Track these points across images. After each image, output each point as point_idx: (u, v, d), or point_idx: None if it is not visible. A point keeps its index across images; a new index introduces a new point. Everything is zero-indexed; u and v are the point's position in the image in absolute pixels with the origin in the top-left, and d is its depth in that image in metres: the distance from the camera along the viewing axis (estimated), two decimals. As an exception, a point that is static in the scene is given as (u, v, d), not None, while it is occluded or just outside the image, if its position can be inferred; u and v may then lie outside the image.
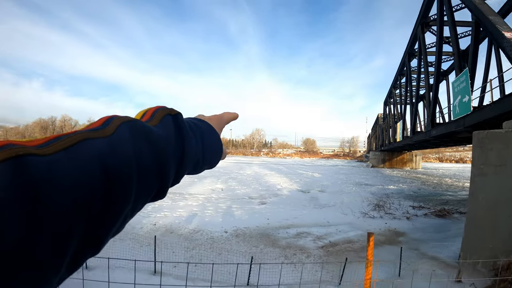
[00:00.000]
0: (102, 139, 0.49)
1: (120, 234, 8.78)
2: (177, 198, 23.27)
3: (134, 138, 0.54)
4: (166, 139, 0.61)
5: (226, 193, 26.65)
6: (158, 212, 18.34)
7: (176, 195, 24.44)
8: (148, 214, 17.87)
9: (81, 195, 0.42)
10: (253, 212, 19.10)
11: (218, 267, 10.54)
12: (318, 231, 15.22)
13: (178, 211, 18.89)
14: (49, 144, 0.43)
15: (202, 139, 0.76)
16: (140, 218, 16.78)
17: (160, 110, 0.67)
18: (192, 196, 24.22)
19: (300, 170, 60.59)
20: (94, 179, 0.44)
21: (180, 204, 21.03)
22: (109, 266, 10.67)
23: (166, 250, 12.06)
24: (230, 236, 14.38)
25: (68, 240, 0.42)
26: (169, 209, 19.49)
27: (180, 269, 10.57)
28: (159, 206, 20.01)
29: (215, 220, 16.92)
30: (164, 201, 21.65)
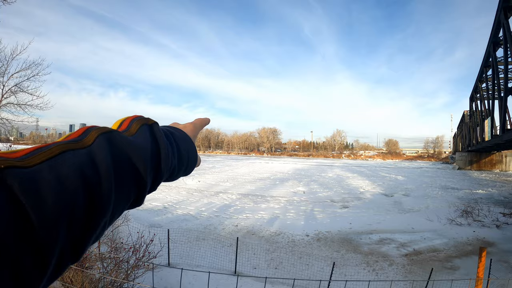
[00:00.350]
0: (81, 150, 0.51)
1: (204, 234, 9.04)
2: (259, 200, 23.48)
3: (112, 148, 0.56)
4: (143, 149, 0.63)
5: (308, 196, 26.43)
6: (240, 214, 18.58)
7: (258, 197, 24.70)
8: (230, 215, 18.17)
9: (63, 206, 0.43)
10: (335, 216, 18.77)
11: (298, 271, 10.46)
12: (401, 238, 14.61)
13: (260, 213, 19.01)
14: (30, 155, 0.44)
15: (178, 147, 0.78)
16: (222, 219, 17.09)
17: (137, 120, 0.70)
18: (274, 199, 24.29)
19: (383, 172, 58.81)
20: (75, 189, 0.46)
21: (262, 206, 21.17)
22: (191, 264, 10.98)
23: (247, 252, 12.16)
24: (312, 240, 14.23)
25: (51, 251, 0.42)
26: (251, 211, 19.68)
27: (260, 270, 10.61)
28: (241, 208, 20.30)
29: (297, 223, 16.82)
30: (246, 203, 21.93)
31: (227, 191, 27.82)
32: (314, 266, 10.71)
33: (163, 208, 19.88)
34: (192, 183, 32.10)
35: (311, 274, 10.18)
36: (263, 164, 77.29)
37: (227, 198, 24.26)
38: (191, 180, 34.32)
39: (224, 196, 25.11)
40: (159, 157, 0.68)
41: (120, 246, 6.67)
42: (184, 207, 20.22)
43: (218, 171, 50.26)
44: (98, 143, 0.54)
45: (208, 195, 25.12)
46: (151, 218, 17.11)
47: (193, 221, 16.83)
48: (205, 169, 53.88)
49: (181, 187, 29.38)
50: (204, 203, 21.99)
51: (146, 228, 12.73)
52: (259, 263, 11.28)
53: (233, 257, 10.91)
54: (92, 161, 0.51)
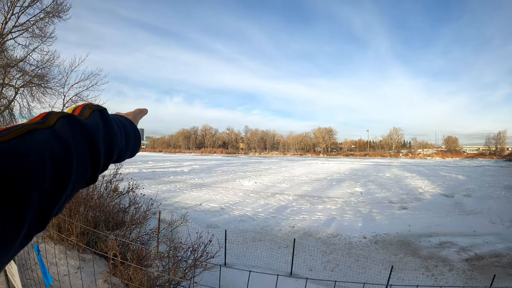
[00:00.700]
0: (46, 129, 0.61)
1: (260, 235, 9.10)
2: (316, 201, 23.34)
3: (71, 129, 0.66)
4: (96, 130, 0.74)
5: (365, 196, 25.98)
6: (297, 215, 18.55)
7: (314, 198, 24.56)
8: (286, 216, 18.18)
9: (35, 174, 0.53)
10: (393, 218, 18.36)
11: (355, 274, 10.33)
12: (462, 241, 14.05)
13: (317, 214, 18.91)
14: (3, 133, 0.53)
15: (125, 130, 0.91)
16: (279, 221, 17.13)
17: (88, 106, 0.80)
18: (330, 200, 24.07)
19: (442, 171, 56.73)
20: (44, 162, 0.56)
21: (318, 208, 21.04)
22: (247, 265, 11.07)
23: (303, 253, 12.15)
24: (369, 242, 14.01)
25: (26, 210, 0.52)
26: (307, 212, 19.62)
27: (317, 272, 10.58)
28: (297, 209, 20.27)
29: (354, 225, 16.61)
30: (303, 204, 21.86)
31: (283, 192, 27.81)
32: (371, 270, 10.54)
33: (220, 209, 20.15)
34: (249, 184, 32.37)
35: (368, 277, 10.03)
36: (320, 165, 76.81)
37: (284, 199, 24.27)
38: (247, 181, 34.62)
39: (281, 197, 25.14)
40: (110, 137, 0.80)
41: (179, 245, 6.85)
42: (241, 208, 20.43)
43: (274, 172, 50.38)
44: (59, 124, 0.64)
45: (264, 196, 25.23)
46: (209, 219, 17.39)
47: (250, 222, 16.98)
48: (261, 170, 54.18)
49: (238, 188, 29.71)
50: (260, 204, 22.12)
51: (203, 229, 12.96)
52: (315, 265, 11.24)
53: (289, 259, 10.93)
54: (56, 139, 0.61)
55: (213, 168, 57.82)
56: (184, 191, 27.40)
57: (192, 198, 23.66)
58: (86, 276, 5.36)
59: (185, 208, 19.86)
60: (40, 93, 31.66)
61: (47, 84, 30.47)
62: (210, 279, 7.47)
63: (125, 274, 5.59)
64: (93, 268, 5.76)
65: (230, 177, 41.12)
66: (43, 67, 30.71)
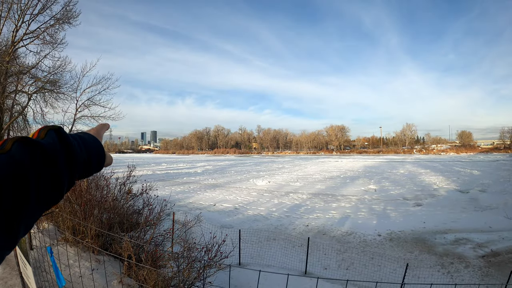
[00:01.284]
0: (3, 154, 0.65)
1: (275, 234, 9.09)
2: (330, 199, 23.26)
3: (26, 149, 0.69)
4: (52, 147, 0.76)
5: (380, 194, 25.84)
6: (311, 214, 18.51)
7: (328, 196, 24.48)
8: (300, 215, 18.14)
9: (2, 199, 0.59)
10: (408, 214, 18.23)
11: (370, 272, 10.28)
12: (478, 238, 13.86)
13: (331, 213, 18.84)
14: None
15: (85, 144, 0.91)
16: (293, 220, 17.11)
17: (43, 128, 0.84)
18: (344, 198, 23.98)
19: (457, 167, 56.18)
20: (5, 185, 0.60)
21: (332, 206, 20.96)
22: (261, 264, 11.07)
23: (317, 252, 12.10)
24: (384, 239, 13.91)
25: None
26: (321, 210, 19.56)
27: (331, 271, 10.53)
28: (311, 208, 20.21)
29: (368, 223, 16.50)
30: (317, 203, 21.81)
31: (297, 191, 27.78)
32: (386, 268, 10.45)
33: (234, 209, 20.18)
34: (262, 184, 32.38)
35: (383, 275, 9.96)
36: (333, 163, 76.67)
37: (298, 198, 24.24)
38: (261, 181, 34.62)
39: (295, 196, 25.11)
40: (69, 153, 0.82)
41: (193, 246, 6.87)
42: (255, 208, 20.43)
43: (287, 171, 50.38)
44: (15, 147, 0.68)
45: (278, 196, 25.22)
46: (223, 219, 17.42)
47: (264, 222, 16.98)
48: (275, 169, 54.17)
49: (251, 188, 29.74)
50: (274, 203, 22.11)
51: (217, 229, 13.00)
52: (330, 263, 11.19)
53: (304, 257, 10.90)
54: (14, 161, 0.65)
55: (227, 169, 57.96)
56: (198, 192, 27.52)
57: (206, 199, 23.75)
58: (101, 278, 5.41)
59: (199, 208, 19.92)
60: (53, 99, 32.02)
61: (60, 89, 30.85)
62: (225, 279, 7.49)
63: (140, 275, 5.62)
64: (107, 270, 5.80)
65: (243, 177, 41.25)
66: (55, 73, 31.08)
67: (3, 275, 5.57)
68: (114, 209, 8.22)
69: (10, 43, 32.33)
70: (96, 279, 5.24)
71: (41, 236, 6.79)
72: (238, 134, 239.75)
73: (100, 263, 6.21)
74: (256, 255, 11.97)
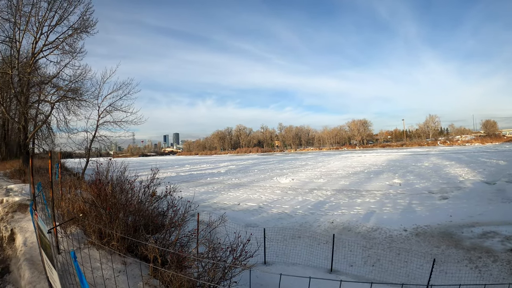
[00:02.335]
0: None
1: (299, 232, 9.11)
2: (354, 195, 23.12)
3: None
4: None
5: (404, 188, 25.49)
6: (335, 210, 18.42)
7: (352, 192, 24.34)
8: (325, 212, 18.07)
9: None
10: (434, 208, 17.92)
11: (396, 269, 10.17)
12: (506, 231, 13.46)
13: (356, 209, 18.72)
14: None
15: None
16: (318, 217, 17.05)
17: None
18: (369, 193, 23.80)
19: (483, 157, 54.76)
20: None
21: (357, 201, 20.83)
22: (286, 262, 11.06)
23: (343, 248, 12.04)
24: (410, 234, 13.73)
25: None
26: (346, 206, 19.45)
27: (357, 268, 10.46)
28: (336, 204, 20.11)
29: (394, 218, 16.32)
30: (341, 199, 21.71)
31: (321, 187, 27.69)
32: (413, 263, 10.32)
33: (258, 208, 20.23)
34: (286, 182, 32.35)
35: (409, 271, 9.84)
36: (356, 158, 76.13)
37: (322, 194, 24.17)
38: (284, 178, 34.65)
39: (319, 193, 25.04)
40: None
41: (217, 246, 6.91)
42: (279, 206, 20.44)
43: (310, 168, 50.21)
44: None
45: (302, 193, 25.19)
46: (247, 218, 17.47)
47: (288, 220, 16.97)
48: (298, 167, 54.08)
49: (275, 186, 29.75)
50: (298, 201, 22.08)
51: (242, 228, 13.02)
52: (356, 260, 11.12)
53: (329, 255, 10.85)
54: None
55: (250, 168, 58.08)
56: (221, 192, 27.70)
57: (230, 198, 23.88)
58: (127, 280, 5.48)
59: (223, 208, 20.02)
60: (75, 106, 33.11)
61: (81, 97, 31.83)
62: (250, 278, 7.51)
63: (166, 276, 5.68)
64: (134, 272, 5.87)
65: (267, 175, 41.29)
66: (76, 81, 32.16)
67: (31, 279, 5.68)
68: (139, 211, 8.32)
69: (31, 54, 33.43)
70: (123, 281, 5.33)
71: (68, 240, 6.91)
72: (260, 133, 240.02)
73: (127, 265, 6.29)
74: (282, 253, 11.97)
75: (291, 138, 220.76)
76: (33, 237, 7.91)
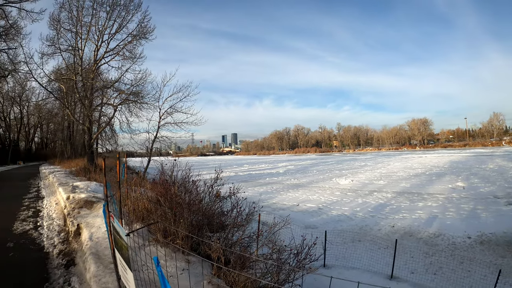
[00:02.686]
0: None
1: (359, 235, 9.11)
2: (415, 198, 22.60)
3: None
4: None
5: (468, 192, 24.49)
6: (397, 214, 18.11)
7: (414, 195, 23.81)
8: (386, 215, 17.81)
9: None
10: (499, 215, 17.12)
11: (459, 278, 9.89)
12: None
13: (417, 213, 18.31)
14: None
15: None
16: (378, 220, 16.84)
17: None
18: (431, 196, 23.14)
19: (554, 158, 51.37)
20: None
21: (419, 205, 20.34)
22: (346, 266, 10.98)
23: (404, 254, 11.87)
24: (474, 242, 13.27)
25: None
26: (407, 210, 19.07)
27: (418, 275, 10.28)
28: (397, 207, 19.77)
29: (457, 223, 15.82)
30: (402, 202, 21.29)
31: (381, 189, 27.29)
32: (477, 273, 9.98)
33: (317, 209, 20.22)
34: (345, 183, 32.09)
35: (472, 282, 9.55)
36: (417, 159, 74.27)
37: (382, 197, 23.81)
38: (344, 179, 34.37)
39: (379, 195, 24.68)
40: None
41: (282, 248, 6.98)
42: (339, 208, 20.34)
43: (370, 169, 49.46)
44: None
45: (362, 195, 24.94)
46: (306, 220, 17.51)
47: (348, 222, 16.89)
48: (357, 167, 53.43)
49: (334, 187, 29.59)
50: (358, 203, 21.89)
51: (302, 229, 13.10)
52: (417, 267, 10.90)
53: (390, 260, 10.72)
54: None
55: (308, 168, 57.96)
56: (281, 192, 27.90)
57: (289, 199, 24.02)
58: (191, 278, 5.67)
59: (282, 209, 20.16)
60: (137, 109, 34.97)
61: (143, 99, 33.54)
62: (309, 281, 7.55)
63: (229, 276, 5.82)
64: (197, 270, 6.05)
65: (326, 176, 41.09)
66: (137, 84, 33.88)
67: (97, 272, 6.01)
68: (203, 211, 8.53)
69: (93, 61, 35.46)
70: (186, 279, 5.51)
71: (134, 237, 7.21)
72: (318, 133, 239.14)
73: (190, 263, 6.50)
74: (341, 257, 11.94)
75: (349, 138, 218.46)
76: (99, 233, 8.37)
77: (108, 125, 38.92)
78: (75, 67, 34.15)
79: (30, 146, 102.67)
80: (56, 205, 14.42)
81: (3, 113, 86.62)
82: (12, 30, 47.18)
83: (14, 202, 15.62)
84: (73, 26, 34.02)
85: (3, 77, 60.25)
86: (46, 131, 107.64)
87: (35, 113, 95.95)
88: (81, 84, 34.74)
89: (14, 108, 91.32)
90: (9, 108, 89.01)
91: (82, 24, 33.80)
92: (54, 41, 34.01)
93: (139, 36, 34.83)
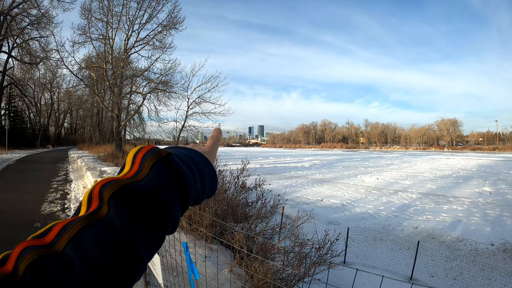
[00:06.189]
0: (98, 222, 0.54)
1: (382, 234, 9.13)
2: (441, 200, 22.32)
3: (127, 210, 0.57)
4: (157, 193, 0.62)
5: (495, 197, 23.96)
6: (420, 215, 17.95)
7: (439, 197, 23.50)
8: (409, 216, 17.68)
9: (93, 280, 0.50)
10: (527, 223, 16.77)
11: (479, 285, 9.85)
12: None
13: (441, 215, 18.10)
14: (56, 240, 0.51)
15: (199, 173, 0.76)
16: (401, 220, 16.74)
17: (149, 157, 0.66)
18: (456, 200, 22.80)
19: None
20: (103, 261, 0.52)
21: (443, 208, 20.09)
22: (366, 265, 11.02)
23: (425, 257, 11.84)
24: (497, 250, 13.08)
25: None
26: (431, 212, 18.87)
27: (438, 279, 10.27)
28: (421, 209, 19.58)
29: (481, 229, 15.59)
30: (427, 204, 21.05)
31: (406, 189, 27.01)
32: (497, 282, 9.90)
33: (341, 205, 20.21)
34: (370, 181, 31.89)
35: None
36: (444, 160, 72.98)
37: (407, 197, 23.59)
38: (369, 177, 34.17)
39: (403, 195, 24.45)
40: (183, 190, 0.68)
41: (304, 242, 7.05)
42: (362, 205, 20.27)
43: (396, 168, 48.94)
44: (113, 210, 0.56)
45: (386, 194, 24.76)
46: (329, 215, 17.52)
47: (371, 220, 16.84)
48: (383, 166, 52.97)
49: (359, 184, 29.44)
50: (382, 201, 21.77)
51: (324, 225, 13.13)
52: (437, 271, 10.88)
53: (410, 262, 10.70)
54: (111, 230, 0.54)
55: (334, 163, 57.64)
56: (305, 186, 27.91)
57: (313, 194, 24.02)
58: (213, 265, 5.81)
59: (306, 203, 20.20)
60: (165, 98, 35.61)
61: (171, 89, 34.09)
62: (330, 277, 7.62)
63: (251, 266, 5.94)
64: (219, 258, 6.20)
65: (351, 172, 40.90)
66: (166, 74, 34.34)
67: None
68: (227, 201, 8.68)
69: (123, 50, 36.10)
70: (209, 266, 5.66)
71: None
72: (345, 128, 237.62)
73: (213, 251, 6.66)
74: (362, 255, 11.96)
75: (376, 135, 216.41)
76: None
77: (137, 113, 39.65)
78: (105, 56, 34.94)
79: (59, 131, 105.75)
80: (83, 189, 14.81)
81: (34, 98, 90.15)
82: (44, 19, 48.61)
83: (43, 185, 16.18)
84: (104, 15, 34.80)
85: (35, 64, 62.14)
86: (75, 117, 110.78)
87: (65, 100, 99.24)
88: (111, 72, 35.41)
89: (45, 94, 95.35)
90: (40, 94, 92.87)
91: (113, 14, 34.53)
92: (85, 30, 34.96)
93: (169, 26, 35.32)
